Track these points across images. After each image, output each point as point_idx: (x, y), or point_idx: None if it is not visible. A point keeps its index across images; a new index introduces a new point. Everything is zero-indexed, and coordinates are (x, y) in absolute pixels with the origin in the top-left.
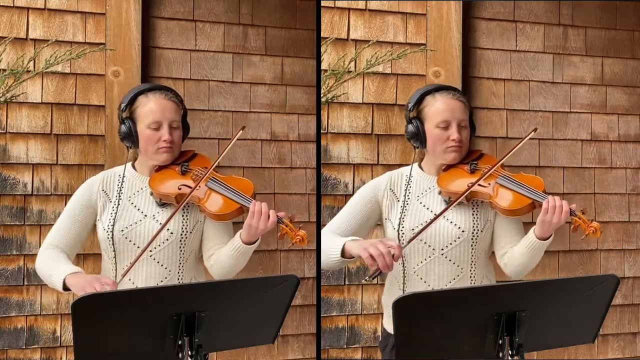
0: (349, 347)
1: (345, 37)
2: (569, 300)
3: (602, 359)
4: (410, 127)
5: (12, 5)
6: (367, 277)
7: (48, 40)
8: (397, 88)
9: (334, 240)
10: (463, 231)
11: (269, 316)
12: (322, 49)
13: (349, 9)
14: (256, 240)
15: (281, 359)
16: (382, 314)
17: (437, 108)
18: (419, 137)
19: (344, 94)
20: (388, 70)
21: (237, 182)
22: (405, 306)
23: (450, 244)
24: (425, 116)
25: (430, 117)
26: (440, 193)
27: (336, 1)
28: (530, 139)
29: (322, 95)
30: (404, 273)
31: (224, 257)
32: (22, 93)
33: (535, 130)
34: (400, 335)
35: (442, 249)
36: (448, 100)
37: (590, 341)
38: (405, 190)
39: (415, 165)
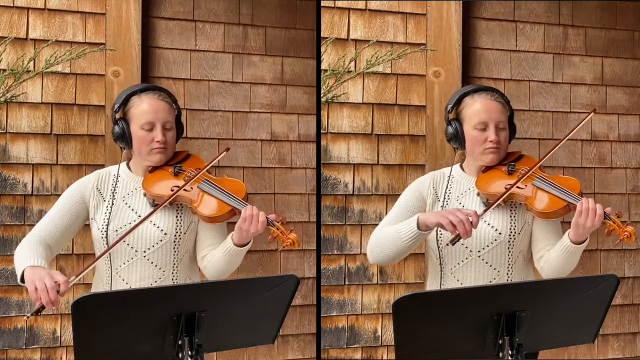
0: (349, 347)
1: (345, 37)
2: (569, 300)
3: (602, 359)
4: (450, 129)
5: (12, 5)
6: (448, 243)
7: (48, 40)
8: (397, 88)
9: (401, 223)
10: (500, 233)
11: (269, 316)
12: (322, 49)
13: (349, 9)
14: (248, 242)
15: (281, 359)
16: (382, 314)
17: (475, 109)
18: (458, 139)
19: (344, 94)
20: (388, 70)
21: (230, 183)
22: (405, 306)
23: (487, 246)
24: (464, 117)
25: (468, 118)
26: (478, 194)
27: (336, 1)
28: (528, 138)
29: (322, 95)
30: (441, 274)
31: (217, 258)
32: (22, 93)
33: (594, 110)
34: (400, 335)
35: (479, 251)
36: (486, 101)
37: (590, 341)
38: (446, 190)
39: (457, 166)
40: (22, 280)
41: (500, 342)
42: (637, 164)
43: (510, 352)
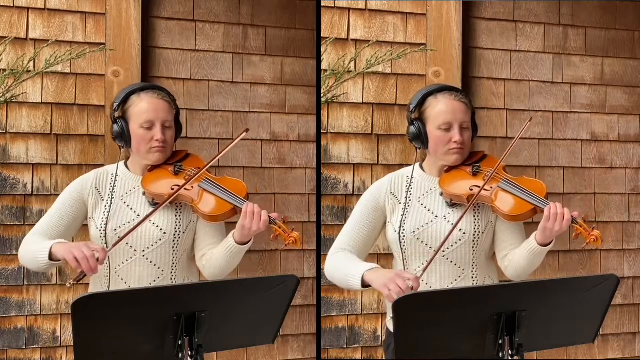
0: (349, 347)
1: (345, 37)
2: (569, 300)
3: (602, 359)
4: (412, 129)
5: (12, 5)
6: (391, 317)
7: (48, 40)
8: (397, 88)
9: (352, 267)
10: (464, 233)
11: (269, 316)
12: (322, 49)
13: (349, 9)
14: (249, 241)
15: (281, 359)
16: (382, 314)
17: (439, 109)
18: (421, 139)
19: (344, 94)
20: (388, 70)
21: (231, 183)
22: (405, 306)
23: (452, 245)
24: (427, 118)
25: (432, 118)
26: (442, 194)
27: (336, 1)
28: (528, 138)
29: (322, 95)
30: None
31: (217, 257)
32: (22, 93)
33: (531, 118)
34: (400, 335)
35: (444, 251)
36: (450, 101)
37: (590, 341)
38: (407, 192)
39: (417, 166)
40: (51, 258)
41: (500, 342)
42: (637, 164)
43: (510, 352)
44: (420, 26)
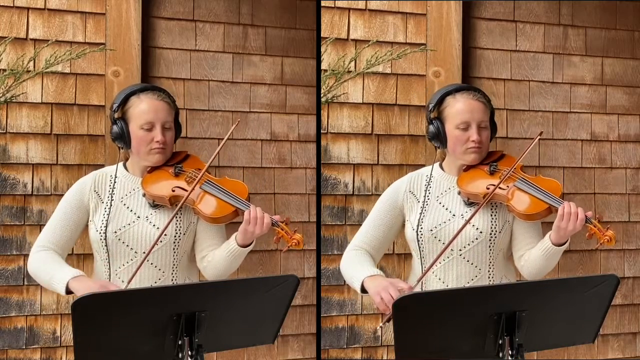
0: (349, 347)
1: (345, 37)
2: (569, 300)
3: (602, 359)
4: (431, 128)
5: (12, 5)
6: (381, 324)
7: (48, 40)
8: (397, 88)
9: (357, 270)
10: (481, 232)
11: (269, 316)
12: (322, 49)
13: (349, 9)
14: (251, 243)
15: (281, 359)
16: (382, 314)
17: (457, 109)
18: (439, 138)
19: (344, 94)
20: (388, 70)
21: (232, 184)
22: (405, 306)
23: (469, 244)
24: (446, 117)
25: (450, 117)
26: (459, 193)
27: (336, 1)
28: (528, 138)
29: (322, 95)
30: (422, 272)
31: (218, 259)
32: (22, 93)
33: (541, 133)
34: (400, 335)
35: (460, 250)
36: (468, 101)
37: (590, 341)
38: (425, 190)
39: (437, 165)
40: (68, 292)
41: (500, 342)
42: (637, 164)
43: (510, 352)
44: (420, 26)
